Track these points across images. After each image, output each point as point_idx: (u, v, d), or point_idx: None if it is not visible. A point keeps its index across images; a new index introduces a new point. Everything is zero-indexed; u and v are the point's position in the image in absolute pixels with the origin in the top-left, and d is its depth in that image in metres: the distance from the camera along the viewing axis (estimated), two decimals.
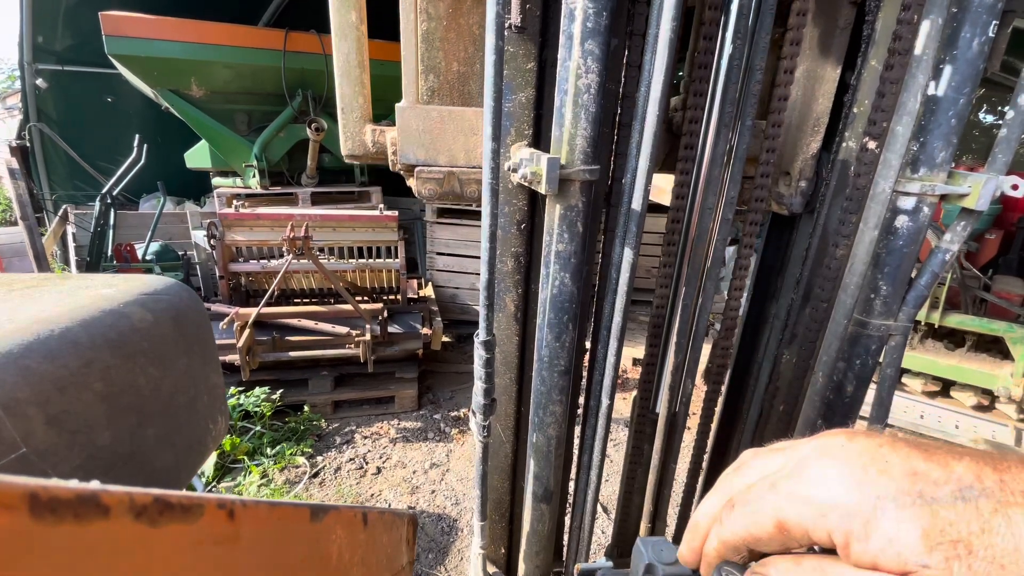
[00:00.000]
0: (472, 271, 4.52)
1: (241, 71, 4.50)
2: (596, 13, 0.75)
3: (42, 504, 0.10)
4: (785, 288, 1.14)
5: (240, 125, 4.85)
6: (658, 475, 1.24)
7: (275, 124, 4.71)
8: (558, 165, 0.82)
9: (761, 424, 1.18)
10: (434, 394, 4.03)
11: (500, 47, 0.73)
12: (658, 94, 0.82)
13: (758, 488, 0.33)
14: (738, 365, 1.27)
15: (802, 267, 1.07)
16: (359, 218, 3.52)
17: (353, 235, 3.56)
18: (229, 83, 4.57)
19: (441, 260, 4.64)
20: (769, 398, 1.16)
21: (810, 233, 1.06)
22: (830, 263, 0.98)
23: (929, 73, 0.81)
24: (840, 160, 0.99)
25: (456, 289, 4.68)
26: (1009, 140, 0.83)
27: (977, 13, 0.76)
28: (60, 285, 0.46)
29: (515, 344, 1.11)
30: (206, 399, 0.53)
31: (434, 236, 4.55)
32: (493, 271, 0.84)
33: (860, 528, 0.28)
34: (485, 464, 0.98)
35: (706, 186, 0.99)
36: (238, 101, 4.76)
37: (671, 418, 1.18)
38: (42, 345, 0.37)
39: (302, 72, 4.64)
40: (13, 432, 0.31)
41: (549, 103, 0.94)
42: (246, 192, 4.75)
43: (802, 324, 1.06)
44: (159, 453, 0.46)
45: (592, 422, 1.04)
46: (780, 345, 1.13)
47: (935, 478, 0.27)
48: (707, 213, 1.02)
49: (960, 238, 0.88)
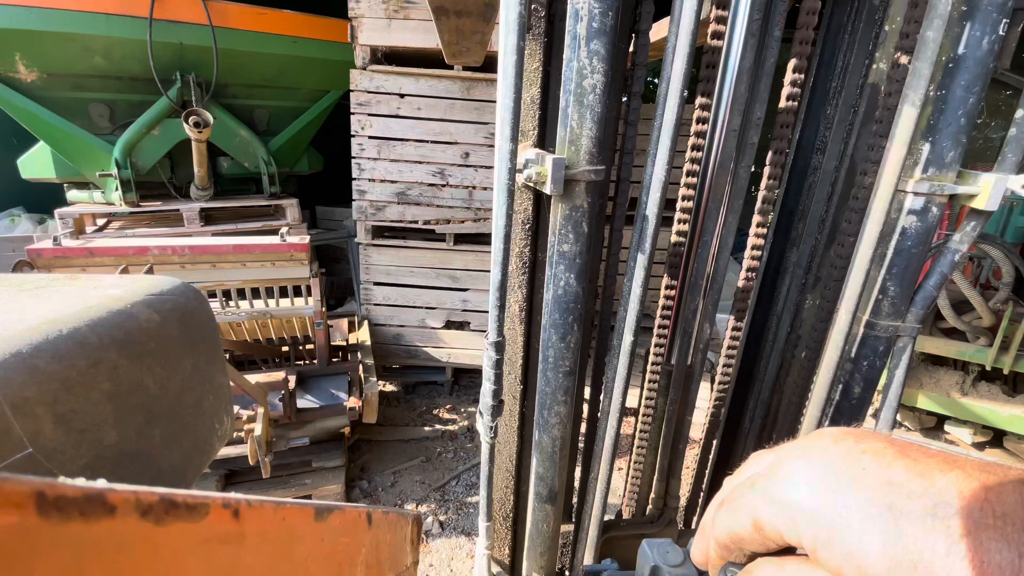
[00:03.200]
0: (421, 304, 3.51)
1: (91, 46, 3.17)
2: (602, 13, 0.74)
3: (48, 502, 0.10)
4: (808, 231, 1.10)
5: (98, 120, 3.50)
6: (674, 428, 1.20)
7: (143, 119, 3.40)
8: (563, 166, 0.82)
9: (782, 375, 1.16)
10: (371, 480, 2.83)
11: (521, 47, 0.73)
12: (676, 99, 0.82)
13: (741, 487, 0.33)
14: (758, 311, 1.22)
15: (827, 204, 1.04)
16: (250, 249, 2.34)
17: (245, 273, 2.43)
18: (75, 63, 3.22)
19: (380, 292, 3.49)
20: (791, 347, 1.14)
21: (836, 166, 1.02)
22: (858, 193, 0.95)
23: (939, 71, 0.81)
24: (849, 159, 0.99)
25: (400, 328, 3.57)
26: (1019, 139, 0.82)
27: (987, 12, 0.75)
28: (69, 285, 0.47)
29: (519, 344, 1.11)
30: (212, 399, 0.54)
31: (369, 263, 3.44)
32: (506, 272, 0.84)
33: (825, 536, 0.27)
34: (492, 465, 0.98)
35: (729, 116, 0.96)
36: (91, 88, 3.38)
37: (687, 369, 1.14)
38: (50, 345, 0.37)
39: (180, 49, 3.37)
40: (20, 432, 0.32)
41: (554, 103, 0.94)
42: (108, 211, 3.51)
43: (826, 266, 1.03)
44: (166, 452, 0.47)
45: (603, 422, 1.04)
46: (803, 290, 1.10)
47: (910, 490, 0.26)
48: (731, 135, 0.97)
49: (970, 239, 0.88)
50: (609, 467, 1.05)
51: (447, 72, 3.06)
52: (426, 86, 3.13)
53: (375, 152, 3.22)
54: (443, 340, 3.60)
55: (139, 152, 3.54)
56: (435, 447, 3.17)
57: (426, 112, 3.17)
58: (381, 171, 3.26)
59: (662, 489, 1.30)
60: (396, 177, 3.27)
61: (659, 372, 1.16)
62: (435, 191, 3.31)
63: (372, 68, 3.10)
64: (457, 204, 3.33)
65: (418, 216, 3.36)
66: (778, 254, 1.16)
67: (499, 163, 0.80)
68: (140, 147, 3.53)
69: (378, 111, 3.16)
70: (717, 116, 0.97)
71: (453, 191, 3.31)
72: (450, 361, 3.63)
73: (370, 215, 3.33)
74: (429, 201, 3.33)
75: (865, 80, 0.97)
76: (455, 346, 3.60)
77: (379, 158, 3.23)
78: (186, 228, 3.50)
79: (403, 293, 3.53)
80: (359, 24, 3.04)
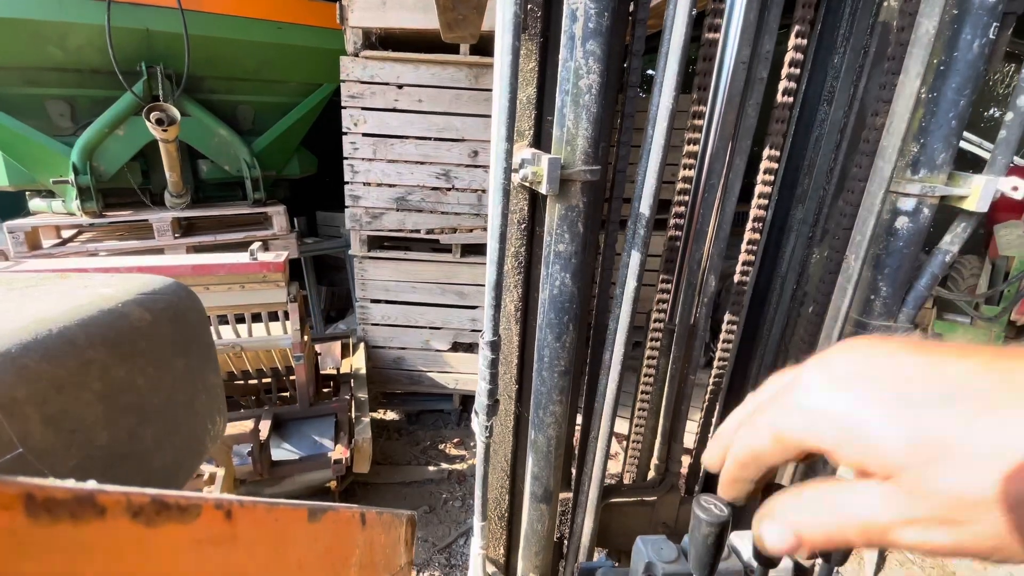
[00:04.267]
0: (424, 324, 3.10)
1: (42, 33, 2.73)
2: (598, 13, 0.74)
3: (38, 504, 0.10)
4: (815, 186, 1.08)
5: (58, 120, 3.08)
6: (676, 388, 1.18)
7: (104, 118, 2.96)
8: (559, 165, 0.82)
9: (787, 335, 1.14)
10: None
11: (516, 47, 0.73)
12: (670, 96, 0.82)
13: (762, 405, 0.34)
14: (762, 273, 1.19)
15: (835, 153, 1.02)
16: (212, 270, 1.96)
17: (207, 298, 1.97)
18: (25, 53, 2.77)
19: (378, 310, 3.09)
20: (796, 304, 1.12)
21: (844, 114, 1.00)
22: (868, 136, 0.92)
23: (930, 73, 0.81)
24: (859, 103, 0.97)
25: (401, 351, 3.15)
26: (1008, 142, 0.83)
27: (978, 15, 0.76)
28: (59, 284, 0.46)
29: (515, 344, 1.11)
30: (204, 398, 0.53)
31: (366, 277, 3.04)
32: (501, 271, 0.84)
33: (846, 434, 0.28)
34: (487, 465, 0.98)
35: (738, 47, 0.93)
36: (46, 82, 2.95)
37: (691, 327, 1.12)
38: (40, 345, 0.36)
39: (147, 36, 2.91)
40: (10, 432, 0.31)
41: (549, 103, 0.94)
42: (67, 222, 3.08)
43: (835, 215, 1.01)
44: (157, 453, 0.46)
45: (596, 423, 1.04)
46: (810, 245, 1.09)
47: (926, 381, 0.27)
48: (739, 68, 0.94)
49: (960, 239, 0.88)
50: (610, 425, 1.03)
51: (452, 57, 2.63)
52: (428, 74, 2.69)
53: (370, 152, 2.82)
54: (449, 364, 3.19)
55: (101, 155, 3.06)
56: (440, 492, 2.73)
57: (428, 105, 2.74)
58: (377, 173, 2.86)
59: (664, 453, 1.28)
60: (395, 180, 2.86)
61: (661, 330, 1.12)
62: (439, 196, 2.89)
63: (365, 54, 2.66)
64: (464, 210, 2.91)
65: (420, 224, 2.94)
66: (783, 212, 1.14)
67: (495, 163, 0.80)
68: (102, 150, 3.05)
69: (373, 104, 2.75)
70: (725, 47, 0.94)
71: (460, 195, 2.89)
72: (457, 388, 3.21)
73: (365, 224, 2.92)
74: (432, 207, 2.90)
75: (876, 19, 0.94)
76: (463, 371, 3.17)
77: (375, 158, 2.83)
78: (157, 241, 3.06)
79: (404, 311, 3.10)
80: (350, 3, 2.59)
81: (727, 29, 0.95)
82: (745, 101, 0.98)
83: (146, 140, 3.05)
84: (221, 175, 3.55)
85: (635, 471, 1.31)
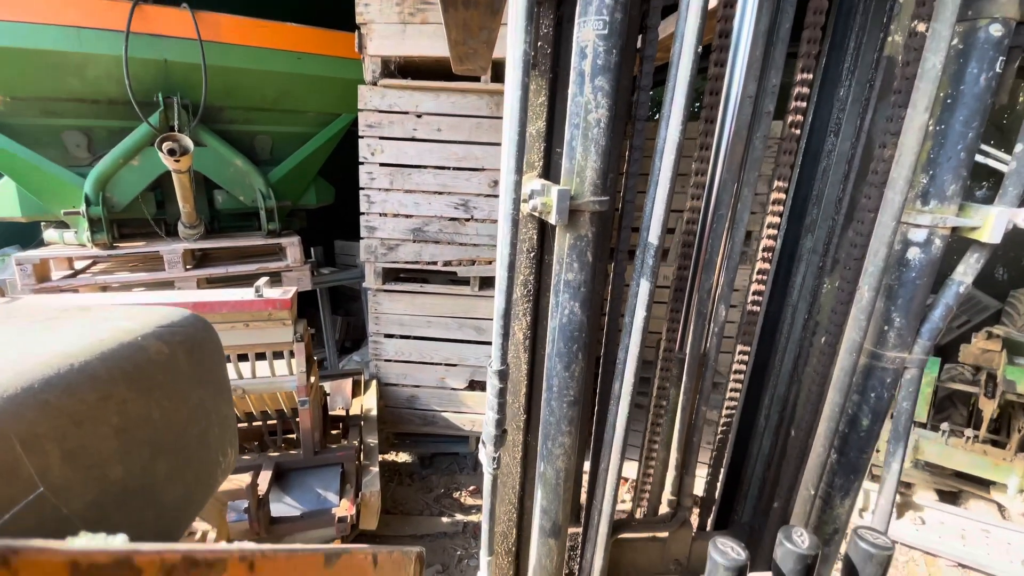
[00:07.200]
0: (440, 360, 2.98)
1: (61, 64, 2.77)
2: (606, 51, 0.77)
3: (82, 571, 0.10)
4: (823, 216, 1.08)
5: (75, 151, 3.09)
6: (687, 419, 1.16)
7: (119, 149, 2.98)
8: (568, 196, 0.83)
9: (799, 366, 1.13)
10: None
11: (525, 83, 0.75)
12: (678, 126, 0.83)
13: None
14: (772, 303, 1.18)
15: (843, 184, 1.02)
16: (213, 307, 1.84)
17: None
18: (43, 85, 2.82)
19: (391, 346, 2.98)
20: (808, 335, 1.11)
21: (852, 144, 1.00)
22: (877, 167, 0.93)
23: (937, 107, 0.82)
24: (866, 135, 0.97)
25: (415, 389, 3.02)
26: (1020, 173, 0.83)
27: (983, 50, 0.77)
28: (81, 317, 0.47)
29: (523, 372, 1.10)
30: (217, 431, 0.53)
31: (380, 311, 2.94)
32: (510, 300, 0.84)
33: None
34: (494, 497, 0.96)
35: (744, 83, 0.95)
36: (64, 113, 2.98)
37: (701, 356, 1.11)
38: (61, 379, 0.37)
39: (165, 67, 2.96)
40: (31, 468, 0.32)
41: (559, 134, 0.95)
42: (77, 253, 3.02)
43: (845, 246, 1.01)
44: (169, 486, 0.46)
45: (606, 454, 1.02)
46: (820, 275, 1.08)
47: None
48: (746, 101, 0.96)
49: (974, 271, 0.88)
50: (620, 457, 1.01)
51: (473, 85, 2.60)
52: (448, 103, 2.66)
53: (387, 182, 2.78)
54: (466, 404, 3.03)
55: (115, 186, 3.06)
56: (454, 548, 2.50)
57: (447, 134, 2.70)
58: (394, 204, 2.82)
59: (676, 486, 1.25)
60: (412, 211, 2.81)
61: (671, 359, 1.11)
62: (457, 226, 2.81)
63: (384, 83, 2.66)
64: (484, 241, 2.82)
65: (437, 256, 2.85)
66: (792, 241, 1.14)
67: (504, 193, 0.82)
68: (116, 180, 3.06)
69: (391, 133, 2.73)
70: (731, 82, 0.96)
71: (479, 226, 2.80)
72: (474, 430, 3.02)
73: (381, 256, 2.86)
74: (450, 238, 2.82)
75: (880, 54, 0.96)
76: (480, 410, 2.96)
77: (392, 188, 2.80)
78: (167, 273, 3.01)
79: (419, 347, 2.97)
80: (368, 31, 2.59)
81: (732, 64, 0.97)
82: (752, 134, 1.00)
83: (161, 170, 3.05)
84: (237, 205, 3.54)
85: (646, 505, 1.28)
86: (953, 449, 2.41)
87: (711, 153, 1.02)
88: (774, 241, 1.08)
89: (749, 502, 1.29)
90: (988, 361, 2.68)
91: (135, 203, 3.16)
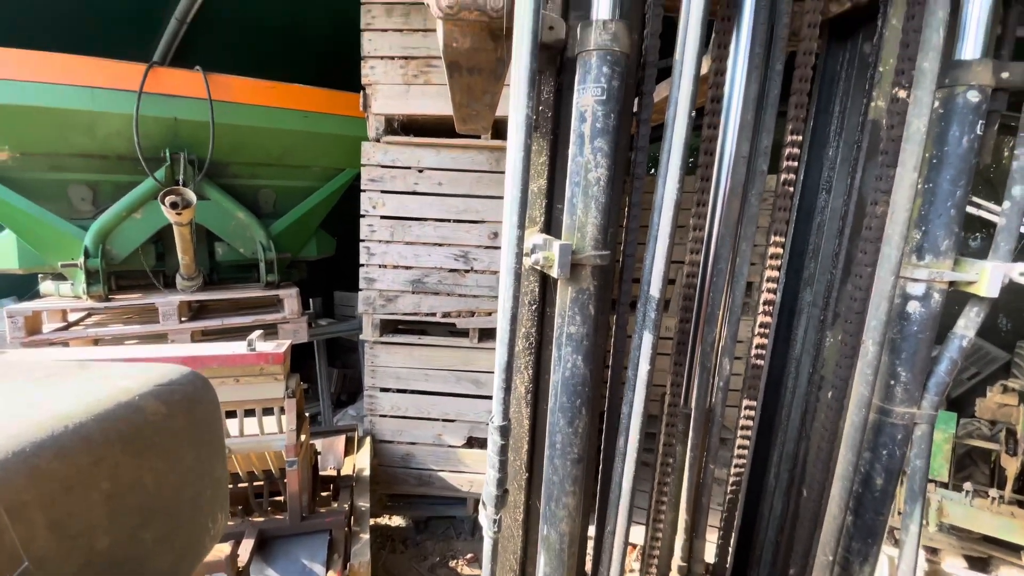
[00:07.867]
0: (437, 415, 2.91)
1: (72, 122, 2.88)
2: (604, 115, 0.80)
3: None
4: (821, 270, 1.09)
5: (79, 204, 3.14)
6: (695, 478, 1.12)
7: (123, 202, 3.05)
8: (570, 251, 0.85)
9: (807, 421, 1.10)
10: None
11: (528, 145, 0.78)
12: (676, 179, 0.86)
13: None
14: (775, 358, 1.17)
15: (839, 239, 1.04)
16: (204, 362, 1.79)
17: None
18: (53, 141, 2.91)
19: (387, 400, 2.91)
20: (814, 389, 1.09)
21: (844, 201, 1.02)
22: (870, 223, 0.94)
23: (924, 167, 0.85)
24: (857, 193, 1.01)
25: (411, 446, 2.94)
26: (1009, 229, 0.85)
27: (963, 114, 0.81)
28: (78, 374, 0.46)
29: (525, 428, 1.08)
30: (209, 494, 0.51)
31: (376, 364, 2.91)
32: (512, 353, 0.84)
33: None
34: (494, 563, 0.91)
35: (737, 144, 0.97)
36: (71, 168, 3.06)
37: (707, 411, 1.08)
38: (54, 442, 0.36)
39: (175, 125, 3.06)
40: (15, 539, 0.30)
41: (560, 191, 0.98)
42: (71, 305, 3.02)
43: (845, 299, 1.01)
44: (156, 555, 0.44)
45: (612, 515, 0.98)
46: (822, 328, 1.07)
47: None
48: (739, 161, 0.99)
49: (975, 324, 0.88)
50: (627, 518, 0.96)
51: (473, 142, 2.71)
52: (448, 158, 2.77)
53: (387, 234, 2.84)
54: (464, 462, 2.93)
55: (115, 238, 3.10)
56: None
57: (448, 188, 2.79)
58: (394, 255, 2.86)
59: (686, 550, 1.18)
60: (411, 262, 2.84)
61: (676, 415, 1.09)
62: (457, 278, 2.83)
63: (387, 139, 2.79)
64: (483, 292, 2.84)
65: (436, 307, 2.85)
66: (792, 295, 1.14)
67: (506, 247, 0.83)
68: (117, 233, 3.10)
69: (393, 187, 2.83)
70: (724, 143, 1.00)
71: (478, 277, 2.83)
72: (471, 491, 2.91)
73: (379, 307, 2.87)
74: (450, 290, 2.84)
75: (865, 117, 1.00)
76: (478, 470, 2.86)
77: (392, 240, 2.85)
78: (161, 325, 2.99)
79: (415, 402, 2.91)
80: (373, 91, 2.76)
81: (725, 126, 1.02)
82: (748, 191, 1.03)
83: (163, 223, 3.07)
84: (237, 257, 3.57)
85: (655, 572, 1.21)
86: (979, 511, 2.29)
87: (708, 209, 1.04)
88: (774, 295, 1.09)
89: (763, 568, 1.22)
90: (1006, 415, 2.61)
91: (134, 255, 3.17)
